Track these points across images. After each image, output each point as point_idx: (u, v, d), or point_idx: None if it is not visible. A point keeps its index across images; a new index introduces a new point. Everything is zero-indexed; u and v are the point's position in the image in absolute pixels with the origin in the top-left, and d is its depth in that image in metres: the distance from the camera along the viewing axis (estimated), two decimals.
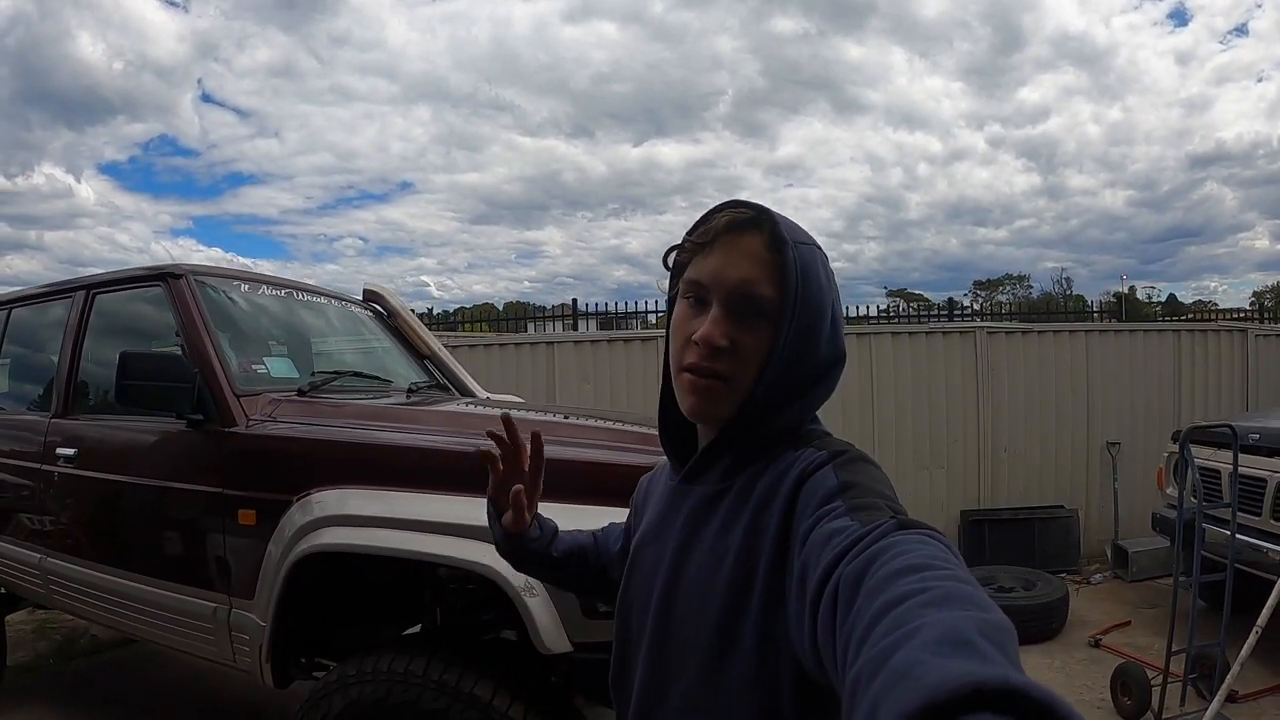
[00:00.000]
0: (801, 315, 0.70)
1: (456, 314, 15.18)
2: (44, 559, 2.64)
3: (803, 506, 0.63)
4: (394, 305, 3.47)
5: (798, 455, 0.69)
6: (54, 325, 2.84)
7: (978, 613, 0.41)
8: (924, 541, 0.51)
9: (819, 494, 0.62)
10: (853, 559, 0.51)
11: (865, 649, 0.42)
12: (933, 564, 0.47)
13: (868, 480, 0.63)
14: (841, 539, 0.54)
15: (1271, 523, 3.42)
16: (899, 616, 0.42)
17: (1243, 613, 3.07)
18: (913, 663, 0.37)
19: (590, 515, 1.68)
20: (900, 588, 0.45)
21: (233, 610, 2.13)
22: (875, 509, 0.58)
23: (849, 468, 0.65)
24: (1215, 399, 5.56)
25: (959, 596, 0.43)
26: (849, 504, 0.59)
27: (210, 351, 2.26)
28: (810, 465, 0.66)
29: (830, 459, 0.66)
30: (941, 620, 0.40)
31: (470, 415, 2.29)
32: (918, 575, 0.46)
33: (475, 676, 1.71)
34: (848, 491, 0.61)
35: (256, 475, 2.11)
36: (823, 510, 0.60)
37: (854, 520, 0.56)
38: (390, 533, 1.81)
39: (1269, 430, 3.53)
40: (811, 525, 0.60)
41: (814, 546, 0.57)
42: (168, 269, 2.48)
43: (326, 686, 1.83)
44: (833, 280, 0.75)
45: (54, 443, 2.60)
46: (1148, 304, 22.82)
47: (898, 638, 0.40)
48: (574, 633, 1.67)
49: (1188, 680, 3.15)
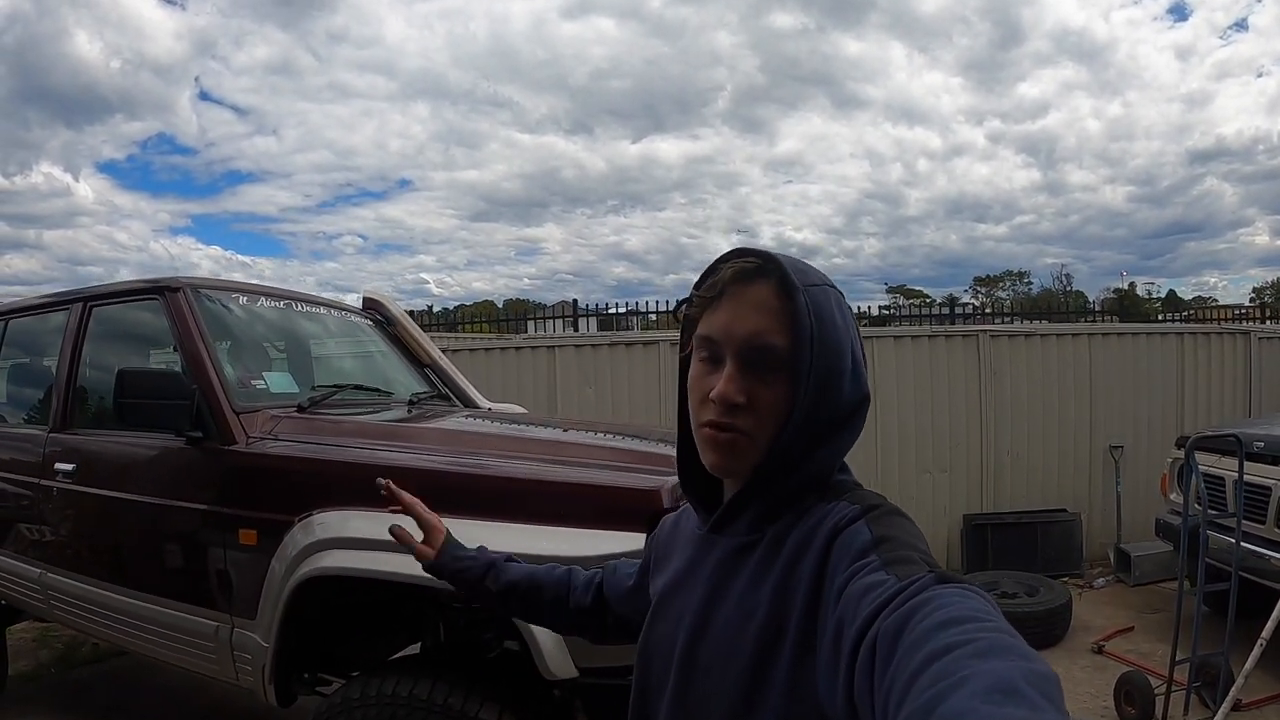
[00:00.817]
0: (819, 362, 0.68)
1: (456, 312, 15.19)
2: (44, 574, 2.63)
3: (836, 561, 0.62)
4: (393, 313, 3.45)
5: (829, 509, 0.68)
6: (51, 337, 2.82)
7: (1024, 663, 0.41)
8: (963, 595, 0.51)
9: (853, 549, 0.61)
10: (891, 613, 0.51)
11: (909, 701, 0.42)
12: (975, 616, 0.47)
13: (902, 534, 0.62)
14: (879, 593, 0.54)
15: (1276, 530, 3.41)
16: (944, 668, 0.42)
17: (1246, 619, 3.07)
18: (963, 711, 0.37)
19: (594, 541, 1.67)
20: (943, 640, 0.44)
21: (235, 630, 2.12)
22: (911, 563, 0.57)
23: (882, 521, 0.64)
24: (1218, 402, 5.55)
25: (1003, 648, 0.43)
26: (884, 558, 0.58)
27: (209, 368, 2.24)
28: (843, 520, 0.65)
29: (863, 513, 0.65)
30: (989, 670, 0.40)
31: (471, 434, 2.27)
32: (960, 628, 0.45)
33: (480, 700, 1.70)
34: (882, 545, 0.60)
35: (257, 495, 2.09)
36: (857, 565, 0.59)
37: (890, 574, 0.56)
38: (393, 556, 1.79)
39: (1274, 438, 3.52)
40: (846, 580, 0.59)
41: (849, 601, 0.56)
42: (165, 282, 2.46)
43: (331, 710, 1.81)
44: (851, 320, 0.73)
45: (52, 457, 2.59)
46: (1148, 300, 22.81)
47: (944, 688, 0.40)
48: (579, 658, 1.65)
49: (1191, 689, 3.14)
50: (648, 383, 5.25)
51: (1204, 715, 3.05)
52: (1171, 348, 5.53)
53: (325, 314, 3.07)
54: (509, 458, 1.95)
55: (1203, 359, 5.56)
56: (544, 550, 1.67)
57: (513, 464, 1.90)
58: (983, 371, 5.32)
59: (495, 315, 17.70)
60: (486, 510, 1.77)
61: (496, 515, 1.75)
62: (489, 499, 1.80)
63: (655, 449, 2.08)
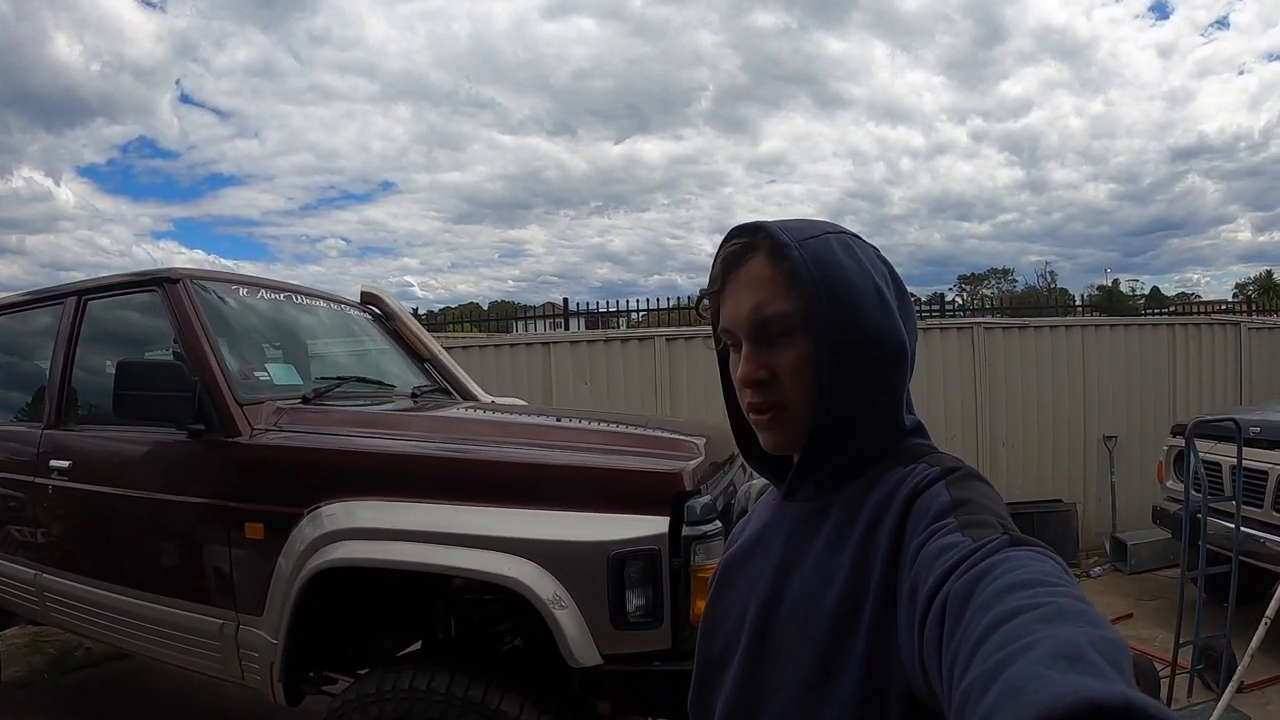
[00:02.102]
0: (830, 305, 0.66)
1: (442, 314, 15.06)
2: (39, 575, 2.56)
3: (914, 524, 0.61)
4: (392, 308, 3.41)
5: (908, 472, 0.67)
6: (44, 332, 2.75)
7: (1093, 629, 0.40)
8: (1036, 558, 0.50)
9: (930, 511, 0.61)
10: (962, 574, 0.50)
11: (975, 664, 0.41)
12: (1045, 580, 0.46)
13: (980, 497, 0.61)
14: (951, 554, 0.53)
15: (1273, 514, 3.45)
16: (1011, 631, 0.41)
17: (1242, 605, 3.09)
18: (1028, 676, 0.36)
19: (617, 525, 1.65)
20: (1011, 603, 0.44)
21: (240, 627, 2.07)
22: (987, 525, 0.56)
23: (961, 484, 0.63)
24: (1209, 391, 5.61)
25: (1072, 613, 0.42)
26: (960, 520, 0.57)
27: (210, 359, 2.19)
28: (922, 482, 0.64)
29: (942, 475, 0.64)
30: (1056, 635, 0.39)
31: (486, 423, 2.24)
32: (1029, 591, 0.45)
33: (501, 692, 1.67)
34: (960, 508, 0.59)
35: (263, 487, 2.04)
36: (934, 527, 0.59)
37: (965, 536, 0.55)
38: (409, 545, 1.76)
39: (1270, 423, 3.55)
40: (922, 542, 0.58)
41: (924, 562, 0.56)
42: (164, 273, 2.40)
43: (345, 705, 1.78)
44: (868, 257, 0.71)
45: (47, 454, 2.52)
46: (1131, 297, 23.09)
47: (1010, 652, 0.39)
48: (603, 645, 1.63)
49: (1194, 672, 3.17)
50: (643, 378, 5.24)
51: (1208, 697, 3.08)
52: (1163, 339, 5.59)
53: (325, 307, 3.02)
54: (527, 445, 1.92)
55: (1194, 350, 5.63)
56: (569, 536, 1.65)
57: (532, 451, 1.87)
58: (978, 363, 5.35)
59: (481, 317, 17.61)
60: (508, 497, 1.75)
61: (519, 502, 1.73)
62: (511, 486, 1.77)
63: (667, 434, 2.06)
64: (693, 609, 1.63)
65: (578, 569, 1.63)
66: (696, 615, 1.64)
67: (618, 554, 1.61)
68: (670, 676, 1.64)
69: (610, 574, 1.61)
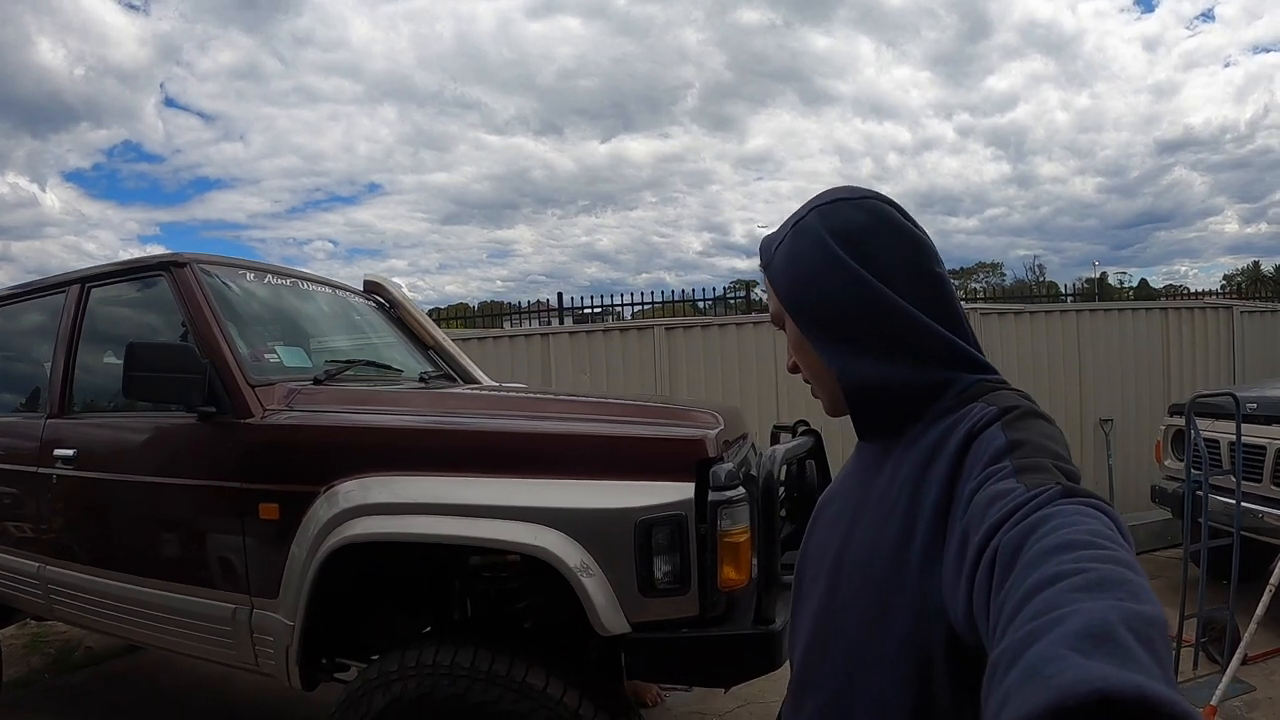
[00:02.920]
0: (789, 295, 0.74)
1: (431, 315, 14.98)
2: (43, 567, 2.52)
3: (970, 466, 0.61)
4: (396, 296, 3.39)
5: (967, 411, 0.67)
6: (47, 321, 2.71)
7: (1130, 603, 0.39)
8: (1086, 514, 0.49)
9: (987, 453, 0.60)
10: (1013, 526, 0.50)
11: (1011, 631, 0.41)
12: (1092, 542, 0.45)
13: (1038, 438, 0.60)
14: (1004, 503, 0.53)
15: (1272, 488, 3.49)
16: (1048, 599, 0.41)
17: (1242, 579, 3.12)
18: (1048, 658, 0.36)
19: (643, 492, 1.64)
20: (1054, 566, 0.43)
21: (254, 610, 2.05)
22: (1043, 470, 0.55)
23: (1019, 424, 0.62)
24: (1203, 375, 5.67)
25: (1113, 582, 0.41)
26: (1016, 464, 0.57)
27: (221, 341, 2.17)
28: (980, 422, 0.64)
29: (999, 415, 0.64)
30: (1088, 611, 0.38)
31: (503, 398, 2.22)
32: (1074, 554, 0.44)
33: (526, 665, 1.66)
34: (1016, 451, 0.59)
35: (278, 467, 2.02)
36: (989, 470, 0.58)
37: (1019, 483, 0.54)
38: (431, 519, 1.75)
39: (1267, 399, 3.60)
40: (977, 486, 0.58)
41: (977, 509, 0.56)
42: (171, 258, 2.37)
43: (366, 684, 1.76)
44: (821, 230, 0.72)
45: (51, 444, 2.48)
46: (1120, 290, 23.29)
47: (1040, 625, 0.39)
48: (631, 612, 1.62)
49: (1199, 645, 3.20)
50: (642, 369, 5.23)
51: (1213, 670, 3.11)
52: (1157, 324, 5.65)
53: (330, 294, 3.00)
54: (547, 417, 1.91)
55: (1187, 334, 5.69)
56: (595, 504, 1.64)
57: (553, 422, 1.86)
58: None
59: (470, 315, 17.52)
60: (530, 468, 1.74)
61: (541, 472, 1.72)
62: (532, 456, 1.76)
63: (684, 407, 2.06)
64: (720, 574, 1.62)
65: (604, 536, 1.62)
66: (724, 581, 1.64)
67: (644, 520, 1.60)
68: (697, 644, 1.64)
69: (637, 540, 1.60)
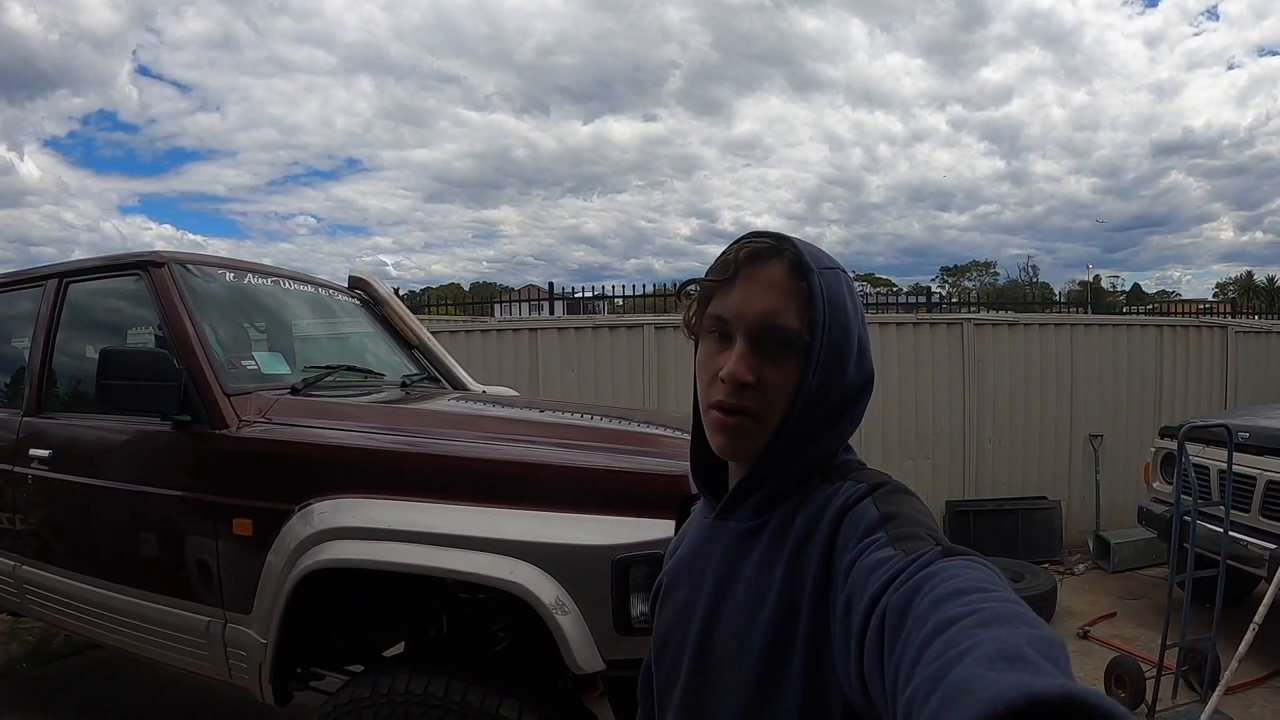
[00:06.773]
0: (829, 344, 0.69)
1: (423, 295, 14.89)
2: (18, 567, 2.48)
3: (844, 540, 0.62)
4: (381, 293, 3.33)
5: (836, 489, 0.68)
6: (24, 315, 2.65)
7: (1030, 629, 0.42)
8: (969, 566, 0.51)
9: (860, 526, 0.62)
10: (899, 586, 0.51)
11: (918, 672, 0.42)
12: (980, 587, 0.48)
13: (908, 510, 0.63)
14: (886, 568, 0.54)
15: (1260, 519, 3.48)
16: (951, 638, 0.42)
17: (1225, 607, 3.12)
18: (970, 678, 0.38)
19: (623, 528, 1.61)
20: (949, 611, 0.45)
21: (228, 625, 2.02)
22: (918, 538, 0.57)
23: (889, 499, 0.64)
24: (1195, 394, 5.67)
25: (1009, 616, 0.43)
26: (891, 534, 0.59)
27: (196, 348, 2.12)
28: (850, 499, 0.65)
29: (870, 491, 0.65)
30: (995, 638, 0.40)
31: (483, 418, 2.18)
32: (965, 598, 0.46)
33: (499, 696, 1.63)
34: (889, 523, 0.61)
35: (252, 482, 1.98)
36: (865, 542, 0.60)
37: (897, 550, 0.56)
38: (406, 546, 1.71)
39: (1259, 429, 3.58)
40: (855, 557, 0.59)
41: (858, 577, 0.57)
42: (148, 257, 2.31)
43: (338, 709, 1.73)
44: (858, 304, 0.73)
45: (27, 442, 2.43)
46: (1112, 293, 23.36)
47: (951, 657, 0.40)
48: (606, 650, 1.59)
49: (1179, 673, 3.20)
50: (631, 366, 5.19)
51: (1192, 699, 3.11)
52: (1151, 340, 5.64)
53: (313, 292, 2.94)
54: (527, 442, 1.87)
55: (1180, 352, 5.68)
56: (572, 539, 1.60)
57: (533, 449, 1.82)
58: (966, 359, 5.36)
59: (462, 298, 17.47)
60: (508, 497, 1.70)
61: (518, 503, 1.68)
62: (510, 485, 1.72)
63: (670, 434, 2.02)
64: None
65: (581, 573, 1.59)
66: None
67: (623, 559, 1.57)
68: None
69: (615, 578, 1.57)
